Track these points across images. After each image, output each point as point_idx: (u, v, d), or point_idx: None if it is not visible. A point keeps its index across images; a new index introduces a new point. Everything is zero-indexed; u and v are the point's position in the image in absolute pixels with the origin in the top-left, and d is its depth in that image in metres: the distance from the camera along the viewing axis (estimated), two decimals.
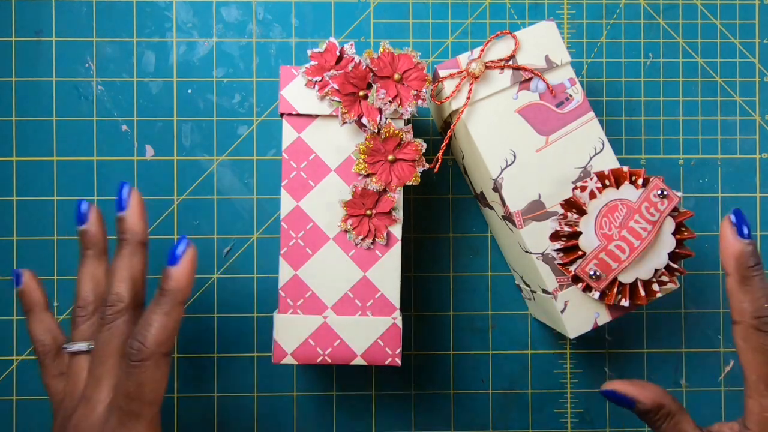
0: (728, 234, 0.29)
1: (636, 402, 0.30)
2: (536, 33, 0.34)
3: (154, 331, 0.28)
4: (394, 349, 0.34)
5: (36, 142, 0.42)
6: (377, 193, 0.34)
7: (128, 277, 0.30)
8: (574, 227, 0.33)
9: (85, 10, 0.43)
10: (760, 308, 0.28)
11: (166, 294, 0.28)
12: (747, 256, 0.28)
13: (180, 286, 0.29)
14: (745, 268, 0.28)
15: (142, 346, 0.27)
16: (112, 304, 0.29)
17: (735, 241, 0.28)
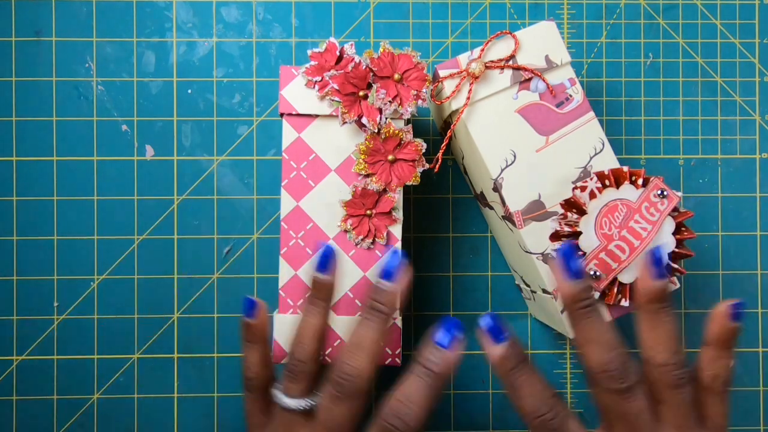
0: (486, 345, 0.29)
1: None
2: (536, 33, 0.34)
3: (420, 414, 0.27)
4: (394, 349, 0.34)
5: (36, 142, 0.42)
6: (377, 193, 0.34)
7: (374, 354, 0.28)
8: (574, 227, 0.33)
9: (85, 10, 0.43)
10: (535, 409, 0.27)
11: (437, 378, 0.27)
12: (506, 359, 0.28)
13: (450, 370, 0.28)
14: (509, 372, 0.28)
15: (405, 426, 0.26)
16: (354, 378, 0.27)
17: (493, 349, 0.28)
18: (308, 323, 0.30)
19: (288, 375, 0.29)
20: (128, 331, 0.42)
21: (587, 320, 0.28)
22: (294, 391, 0.29)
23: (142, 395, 0.42)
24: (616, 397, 0.27)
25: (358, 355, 0.28)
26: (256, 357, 0.31)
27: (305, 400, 0.29)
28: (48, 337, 0.42)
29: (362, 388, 0.28)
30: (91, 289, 0.42)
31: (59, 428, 0.42)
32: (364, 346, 0.28)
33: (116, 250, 0.42)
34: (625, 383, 0.27)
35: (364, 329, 0.28)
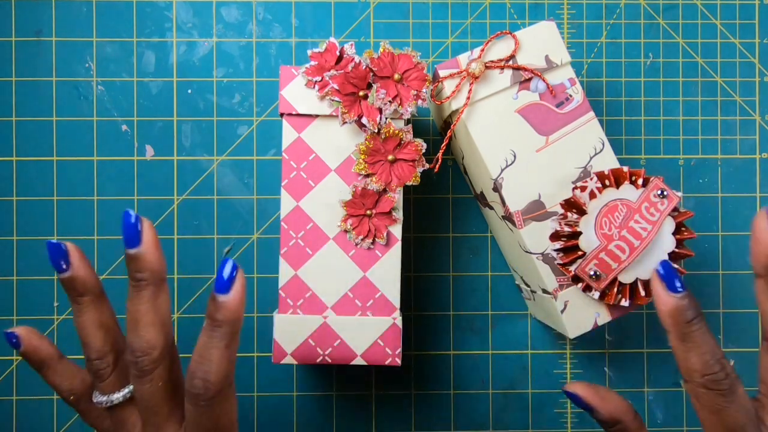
0: (659, 290, 0.27)
1: (594, 410, 0.30)
2: (536, 33, 0.34)
3: (216, 367, 0.25)
4: (394, 349, 0.34)
5: (36, 142, 0.42)
6: (377, 193, 0.34)
7: (157, 321, 0.27)
8: (574, 227, 0.33)
9: (85, 10, 0.43)
10: (706, 366, 0.26)
11: (222, 325, 0.26)
12: (682, 311, 0.26)
13: (235, 315, 0.26)
14: (683, 324, 0.26)
15: (208, 384, 0.25)
16: (145, 353, 0.26)
17: (667, 297, 0.27)
18: (80, 323, 0.28)
19: (94, 378, 0.28)
20: None
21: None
22: (105, 388, 0.28)
23: None
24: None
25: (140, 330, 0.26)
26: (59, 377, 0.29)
27: (119, 392, 0.28)
28: (48, 337, 0.42)
29: (159, 359, 0.27)
30: None
31: (59, 428, 0.42)
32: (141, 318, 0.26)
33: (116, 250, 0.42)
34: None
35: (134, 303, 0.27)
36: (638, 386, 0.43)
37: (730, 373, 0.26)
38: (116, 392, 0.28)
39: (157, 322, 0.27)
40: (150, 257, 0.27)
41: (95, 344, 0.28)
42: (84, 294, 0.28)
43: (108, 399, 0.28)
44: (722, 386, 0.25)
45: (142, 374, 0.26)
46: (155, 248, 0.27)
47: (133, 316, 0.27)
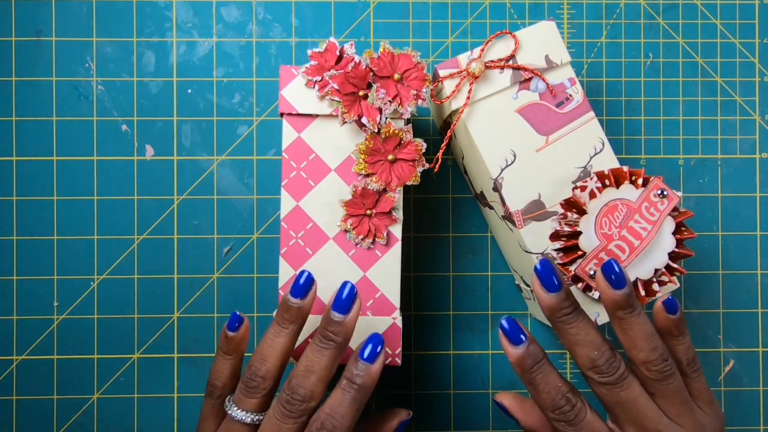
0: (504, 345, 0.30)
1: (518, 421, 0.34)
2: (536, 33, 0.34)
3: (347, 425, 0.28)
4: (394, 349, 0.34)
5: (36, 142, 0.42)
6: (377, 192, 0.34)
7: (327, 379, 0.30)
8: (574, 227, 0.33)
9: (85, 10, 0.43)
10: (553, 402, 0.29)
11: (361, 390, 0.29)
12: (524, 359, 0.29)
13: (374, 384, 0.29)
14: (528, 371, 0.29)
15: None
16: (304, 400, 0.29)
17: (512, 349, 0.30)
18: (275, 342, 0.30)
19: (244, 388, 0.30)
20: (128, 331, 0.42)
21: (570, 326, 0.29)
22: (246, 405, 0.30)
23: (142, 395, 0.42)
24: (611, 388, 0.28)
25: (311, 379, 0.29)
26: (228, 368, 0.33)
27: (254, 414, 0.30)
28: (48, 337, 0.42)
29: (309, 411, 0.29)
30: (91, 289, 0.42)
31: (59, 428, 0.42)
32: (316, 371, 0.29)
33: (116, 250, 0.42)
34: (614, 374, 0.28)
35: (317, 355, 0.29)
36: None
37: (575, 404, 0.29)
38: (251, 413, 0.30)
39: (326, 381, 0.29)
40: (351, 327, 0.30)
41: (270, 365, 0.30)
42: (295, 323, 0.31)
43: (243, 415, 0.30)
44: (569, 417, 0.29)
45: (290, 415, 0.29)
46: (355, 322, 0.30)
47: (308, 363, 0.29)
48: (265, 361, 0.30)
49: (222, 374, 0.32)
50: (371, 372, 0.29)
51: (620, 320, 0.29)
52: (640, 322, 0.29)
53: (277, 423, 0.29)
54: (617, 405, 0.29)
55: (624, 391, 0.28)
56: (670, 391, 0.29)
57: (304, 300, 0.31)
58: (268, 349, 0.30)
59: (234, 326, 0.33)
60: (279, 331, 0.30)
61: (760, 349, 0.43)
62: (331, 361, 0.30)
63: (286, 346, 0.31)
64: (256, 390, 0.30)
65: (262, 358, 0.30)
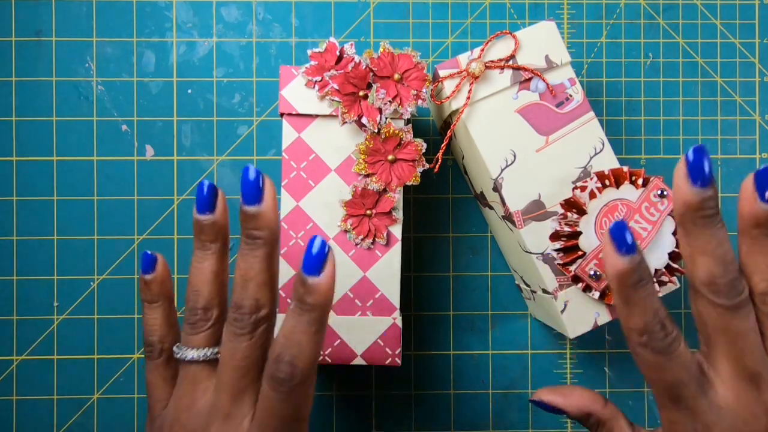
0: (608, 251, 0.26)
1: (562, 411, 0.30)
2: (536, 33, 0.34)
3: (305, 353, 0.24)
4: (394, 349, 0.34)
5: (36, 142, 0.42)
6: (377, 193, 0.34)
7: (268, 282, 0.26)
8: (574, 227, 0.33)
9: (85, 10, 0.43)
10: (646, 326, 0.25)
11: (313, 309, 0.24)
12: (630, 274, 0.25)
13: (326, 299, 0.25)
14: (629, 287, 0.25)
15: (295, 369, 0.24)
16: (252, 312, 0.25)
17: (616, 259, 0.25)
18: (202, 267, 0.27)
19: (187, 327, 0.27)
20: (128, 331, 0.42)
21: (704, 230, 0.24)
22: (196, 341, 0.27)
23: (142, 395, 0.42)
24: (723, 312, 0.24)
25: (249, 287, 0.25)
26: (159, 317, 0.29)
27: (208, 348, 0.27)
28: (48, 337, 0.42)
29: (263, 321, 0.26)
30: (91, 289, 0.42)
31: (59, 428, 0.42)
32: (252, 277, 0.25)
33: (116, 250, 0.42)
34: (734, 299, 0.24)
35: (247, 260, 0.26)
36: (638, 386, 0.43)
37: (670, 332, 0.25)
38: (204, 348, 0.27)
39: (268, 283, 0.26)
40: (270, 215, 0.26)
41: (205, 294, 0.27)
42: (215, 241, 0.27)
43: (196, 353, 0.26)
44: (660, 345, 0.25)
45: (242, 332, 0.25)
46: (275, 207, 0.26)
47: (244, 274, 0.26)
48: (200, 291, 0.27)
49: (155, 326, 0.29)
50: (321, 287, 0.24)
51: (754, 239, 0.25)
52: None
53: (231, 345, 0.25)
54: (722, 332, 0.25)
55: (736, 320, 0.24)
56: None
57: (214, 214, 0.27)
58: (197, 277, 0.27)
59: (148, 268, 0.29)
60: (203, 256, 0.27)
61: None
62: (264, 262, 0.26)
63: (216, 268, 0.27)
64: (200, 323, 0.27)
65: (194, 289, 0.27)
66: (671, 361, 0.25)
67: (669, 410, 0.26)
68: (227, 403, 0.25)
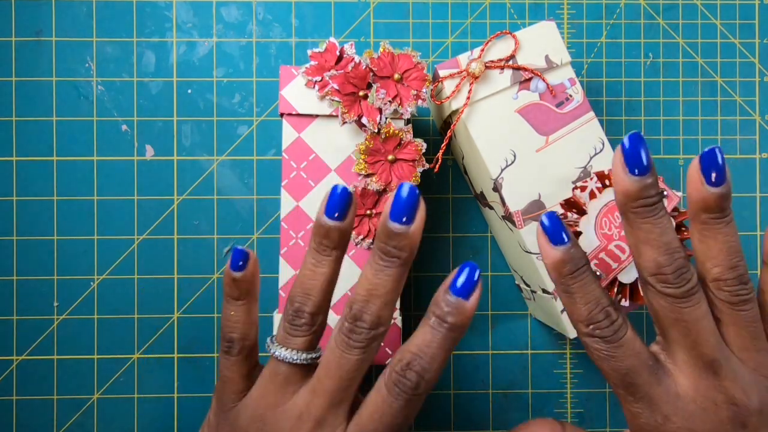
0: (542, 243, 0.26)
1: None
2: (536, 33, 0.34)
3: (436, 367, 0.24)
4: (394, 349, 0.34)
5: (36, 142, 0.42)
6: (377, 193, 0.34)
7: (393, 301, 0.25)
8: (574, 227, 0.33)
9: (85, 10, 0.43)
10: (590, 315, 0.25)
11: (453, 329, 0.24)
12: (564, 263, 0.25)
13: (468, 322, 0.25)
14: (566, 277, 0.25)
15: (421, 380, 0.24)
16: (372, 327, 0.25)
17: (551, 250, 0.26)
18: (317, 273, 0.26)
19: (289, 327, 0.26)
20: (128, 331, 0.42)
21: (645, 219, 0.24)
22: (294, 343, 0.26)
23: (142, 395, 0.42)
24: (673, 301, 0.24)
25: (375, 303, 0.25)
26: (243, 315, 0.28)
27: (305, 352, 0.26)
28: (48, 337, 0.42)
29: (377, 339, 0.25)
30: (91, 289, 0.42)
31: (59, 428, 0.42)
32: (380, 294, 0.25)
33: (116, 250, 0.42)
34: (683, 286, 0.24)
35: (379, 276, 0.25)
36: None
37: (614, 320, 0.25)
38: (302, 352, 0.26)
39: (392, 303, 0.25)
40: (416, 238, 0.25)
41: (316, 299, 0.26)
42: (337, 248, 0.26)
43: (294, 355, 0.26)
44: (606, 333, 0.25)
45: (358, 344, 0.24)
46: (422, 231, 0.25)
47: (371, 287, 0.25)
48: (310, 296, 0.26)
49: (238, 324, 0.28)
50: (466, 310, 0.24)
51: (703, 225, 0.24)
52: (727, 233, 0.24)
53: (340, 354, 0.25)
54: (675, 323, 0.24)
55: (688, 308, 0.24)
56: (742, 319, 0.24)
57: (344, 221, 0.26)
58: (311, 281, 0.26)
59: (238, 265, 0.28)
60: (320, 260, 0.26)
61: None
62: (396, 282, 0.25)
63: (331, 276, 0.26)
64: (304, 327, 0.26)
65: (305, 292, 0.26)
66: (619, 349, 0.25)
67: (628, 402, 0.25)
68: (323, 410, 0.25)
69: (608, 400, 0.43)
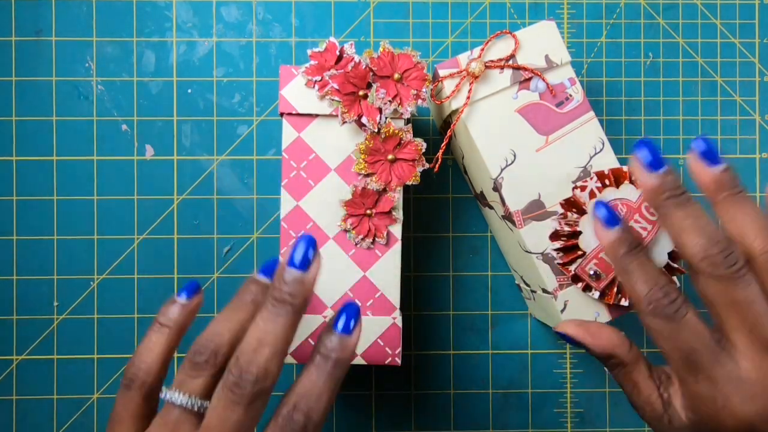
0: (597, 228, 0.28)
1: (586, 347, 0.30)
2: (536, 33, 0.34)
3: (323, 405, 0.24)
4: (394, 348, 0.34)
5: (36, 142, 0.42)
6: (377, 192, 0.34)
7: (283, 351, 0.24)
8: (574, 227, 0.33)
9: (85, 9, 0.43)
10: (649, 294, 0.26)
11: (338, 365, 0.24)
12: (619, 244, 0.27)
13: (351, 357, 0.25)
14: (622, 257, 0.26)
15: (309, 422, 0.23)
16: (258, 381, 0.23)
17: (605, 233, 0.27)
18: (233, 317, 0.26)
19: (189, 365, 0.25)
20: (128, 331, 0.42)
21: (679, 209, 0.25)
22: (192, 386, 0.24)
23: None
24: (725, 283, 0.24)
25: (263, 353, 0.23)
26: (160, 347, 0.26)
27: (201, 399, 0.24)
28: (48, 337, 0.42)
29: (265, 392, 0.23)
30: (91, 289, 0.42)
31: (59, 428, 0.42)
32: (270, 343, 0.23)
33: (116, 250, 0.42)
34: (733, 266, 0.24)
35: (270, 324, 0.24)
36: None
37: (675, 299, 0.25)
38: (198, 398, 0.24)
39: (282, 354, 0.24)
40: (311, 287, 0.25)
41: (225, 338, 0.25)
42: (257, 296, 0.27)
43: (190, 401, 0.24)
44: (667, 311, 0.25)
45: (240, 401, 0.23)
46: (315, 282, 0.25)
47: (261, 337, 0.24)
48: (221, 334, 0.25)
49: (151, 354, 0.26)
50: (348, 345, 0.25)
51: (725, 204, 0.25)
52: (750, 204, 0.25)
53: (223, 413, 0.23)
54: (730, 306, 0.24)
55: (741, 290, 0.24)
56: None
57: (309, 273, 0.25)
58: (225, 322, 0.25)
59: (189, 294, 0.27)
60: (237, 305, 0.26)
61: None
62: (287, 330, 0.24)
63: (241, 318, 0.26)
64: (204, 367, 0.24)
65: (216, 331, 0.25)
66: (681, 328, 0.25)
67: (688, 384, 0.25)
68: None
69: (608, 400, 0.43)
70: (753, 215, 0.25)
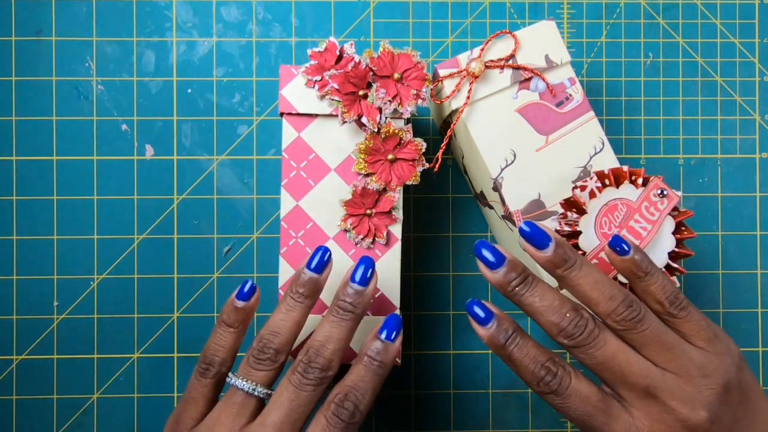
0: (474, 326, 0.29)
1: None
2: (536, 32, 0.34)
3: (368, 399, 0.28)
4: None
5: (36, 142, 0.42)
6: (377, 192, 0.34)
7: (343, 350, 0.29)
8: (574, 227, 0.33)
9: (85, 9, 0.43)
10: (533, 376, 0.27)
11: (382, 366, 0.29)
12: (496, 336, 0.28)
13: (393, 361, 0.30)
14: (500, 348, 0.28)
15: (357, 412, 0.28)
16: (324, 369, 0.28)
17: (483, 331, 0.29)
18: (289, 316, 0.30)
19: (253, 360, 0.29)
20: (128, 331, 0.42)
21: (524, 297, 0.28)
22: (255, 377, 0.29)
23: (142, 395, 0.42)
24: (584, 349, 0.27)
25: (329, 348, 0.29)
26: (229, 341, 0.31)
27: (262, 387, 0.29)
28: (48, 336, 0.42)
29: (327, 380, 0.29)
30: (90, 288, 0.42)
31: (59, 428, 0.42)
32: (334, 341, 0.29)
33: (116, 249, 0.42)
34: (582, 334, 0.27)
35: (335, 327, 0.29)
36: None
37: (555, 373, 0.27)
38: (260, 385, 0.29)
39: (342, 351, 0.29)
40: (369, 298, 0.30)
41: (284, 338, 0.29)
42: (310, 296, 0.30)
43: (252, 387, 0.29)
44: (552, 387, 0.27)
45: (309, 382, 0.28)
46: (373, 294, 0.30)
47: (328, 335, 0.29)
48: (279, 334, 0.29)
49: (222, 348, 0.31)
50: (391, 351, 0.29)
51: (563, 279, 0.28)
52: (584, 274, 0.27)
53: (294, 390, 0.28)
54: (598, 367, 0.27)
55: (599, 350, 0.26)
56: (648, 337, 0.26)
57: (322, 275, 0.30)
58: (282, 322, 0.30)
59: (245, 295, 0.31)
60: (293, 305, 0.30)
61: (760, 349, 0.43)
62: (348, 333, 0.29)
63: (300, 321, 0.30)
64: (267, 362, 0.29)
65: (275, 331, 0.29)
66: (569, 399, 0.27)
67: None
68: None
69: None
70: (592, 283, 0.27)
